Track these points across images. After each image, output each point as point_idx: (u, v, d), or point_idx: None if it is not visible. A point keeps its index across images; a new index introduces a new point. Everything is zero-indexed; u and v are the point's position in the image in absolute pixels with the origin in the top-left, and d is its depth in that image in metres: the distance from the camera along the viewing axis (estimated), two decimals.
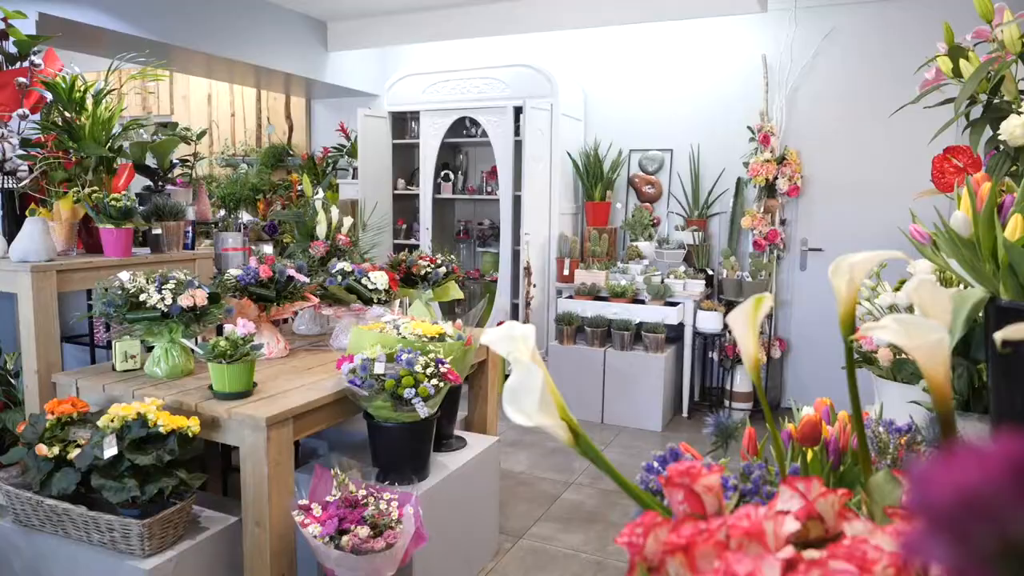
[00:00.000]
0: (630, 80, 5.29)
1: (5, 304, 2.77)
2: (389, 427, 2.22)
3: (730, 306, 4.64)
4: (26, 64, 2.85)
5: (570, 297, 4.82)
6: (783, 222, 4.83)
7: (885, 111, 4.53)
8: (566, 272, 4.91)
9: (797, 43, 4.73)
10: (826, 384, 4.76)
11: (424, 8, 5.14)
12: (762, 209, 4.73)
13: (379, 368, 2.12)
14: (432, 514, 2.26)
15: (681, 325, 4.61)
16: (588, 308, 4.68)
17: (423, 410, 2.11)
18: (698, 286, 4.62)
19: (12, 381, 2.60)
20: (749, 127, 4.78)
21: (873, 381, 2.27)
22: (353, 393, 2.16)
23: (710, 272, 4.86)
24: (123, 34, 3.93)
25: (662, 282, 4.62)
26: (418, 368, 2.14)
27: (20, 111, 2.65)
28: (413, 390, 2.10)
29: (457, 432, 2.80)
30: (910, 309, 1.89)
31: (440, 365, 2.20)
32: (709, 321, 4.54)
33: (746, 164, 4.74)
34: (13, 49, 2.91)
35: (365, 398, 2.15)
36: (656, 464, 0.88)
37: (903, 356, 1.55)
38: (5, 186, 2.56)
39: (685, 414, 4.73)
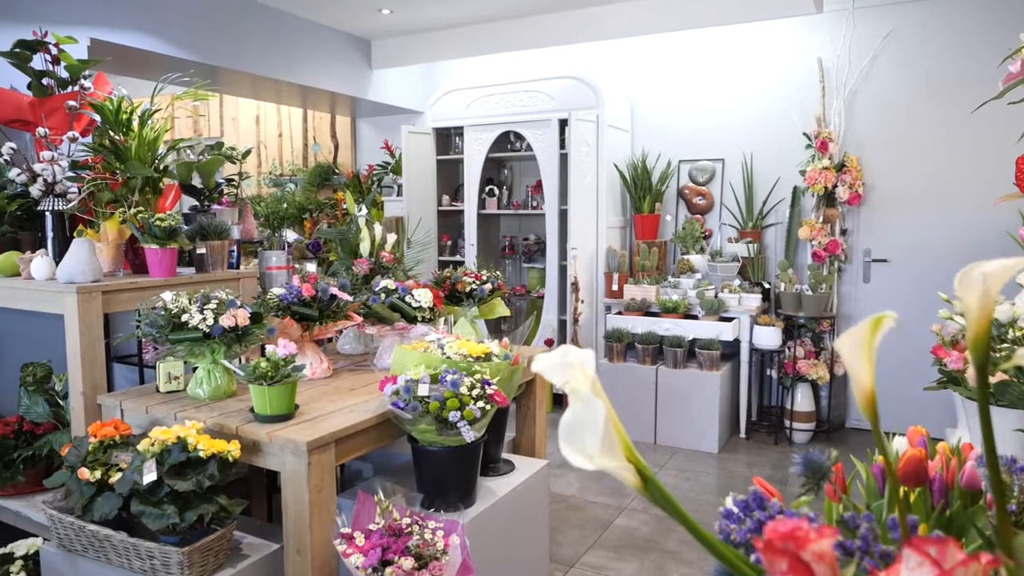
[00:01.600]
0: (678, 88, 5.15)
1: (58, 325, 2.79)
2: (434, 451, 2.12)
3: (788, 321, 4.43)
4: (76, 88, 2.89)
5: (619, 313, 4.68)
6: (844, 232, 4.61)
7: (950, 113, 4.30)
8: (615, 287, 4.77)
9: (855, 45, 4.53)
10: (893, 403, 4.50)
11: (467, 23, 5.12)
12: (821, 219, 4.51)
13: (423, 390, 2.03)
14: (479, 543, 2.15)
15: (737, 341, 4.42)
16: (638, 324, 4.53)
17: (469, 434, 2.00)
18: (754, 300, 4.43)
19: (61, 402, 2.60)
20: (805, 133, 4.58)
21: (958, 404, 2.07)
22: (396, 416, 2.07)
23: (766, 285, 4.65)
24: (172, 57, 3.99)
25: (716, 296, 4.44)
26: (463, 390, 2.04)
27: (70, 134, 2.67)
28: (458, 413, 2.00)
29: (504, 455, 2.68)
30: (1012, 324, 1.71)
31: (486, 386, 2.09)
32: (767, 337, 4.33)
33: (803, 172, 4.54)
34: (65, 74, 2.96)
35: (408, 421, 2.06)
36: (737, 510, 0.76)
37: (1008, 379, 1.38)
38: (55, 208, 2.58)
39: (743, 435, 4.52)
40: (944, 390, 1.82)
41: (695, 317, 4.45)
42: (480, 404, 2.04)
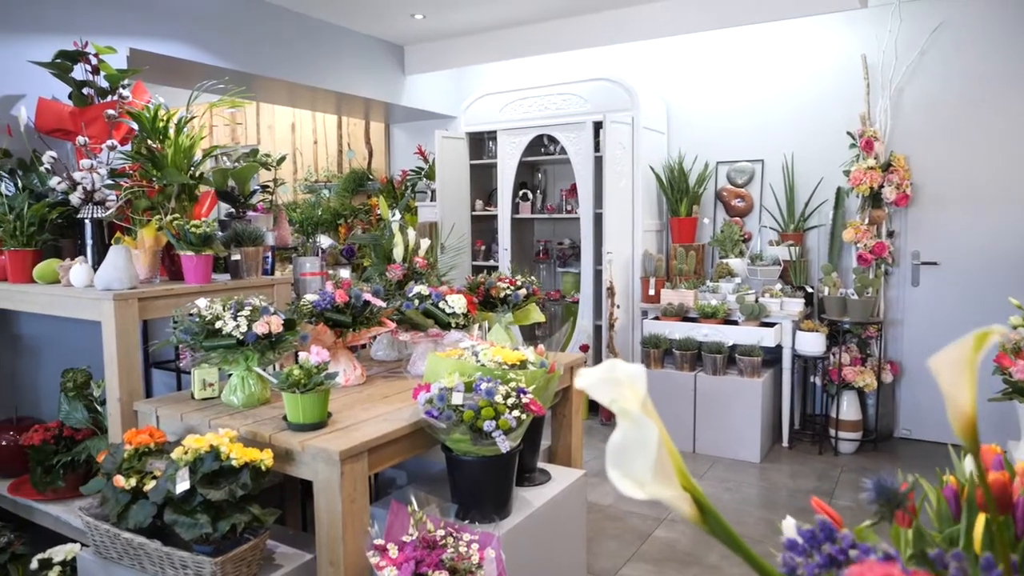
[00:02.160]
0: (715, 89, 5.04)
1: (98, 331, 2.82)
2: (468, 461, 2.07)
3: (833, 326, 4.28)
4: (115, 97, 2.92)
5: (656, 318, 4.58)
6: (891, 234, 4.45)
7: (1004, 109, 4.11)
8: (651, 292, 4.68)
9: (901, 40, 4.37)
10: (942, 411, 4.30)
11: (499, 26, 5.08)
12: (867, 220, 4.36)
13: (457, 399, 1.99)
14: (515, 555, 2.09)
15: (779, 347, 4.29)
16: (676, 330, 4.42)
17: (504, 444, 1.95)
18: (796, 305, 4.29)
19: (99, 408, 2.62)
20: (849, 132, 4.44)
21: (1023, 416, 1.95)
22: (430, 425, 2.03)
23: (809, 290, 4.51)
24: (209, 66, 4.03)
25: (756, 301, 4.32)
26: (498, 398, 1.99)
27: (109, 142, 2.70)
28: (493, 422, 1.94)
29: (540, 464, 2.62)
30: None
31: (522, 395, 2.04)
32: (810, 343, 4.19)
33: (847, 172, 4.39)
34: (104, 83, 2.99)
35: (442, 430, 2.01)
36: (802, 541, 0.69)
37: None
38: (94, 215, 2.60)
39: (786, 443, 4.38)
40: (1009, 401, 1.71)
41: (735, 322, 4.34)
42: (516, 413, 1.98)
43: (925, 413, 4.44)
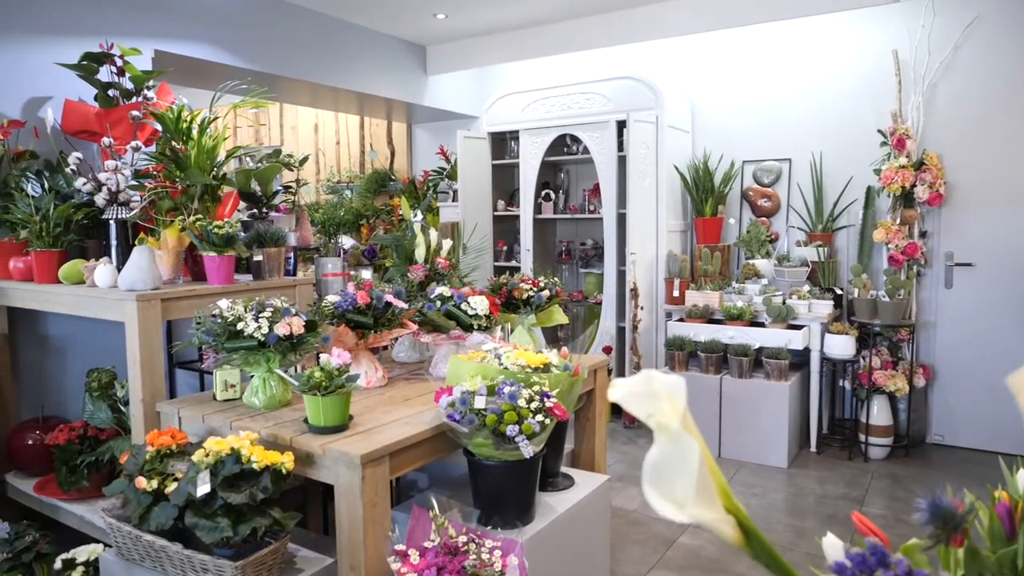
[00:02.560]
0: (741, 87, 4.96)
1: (123, 331, 2.84)
2: (491, 466, 2.04)
3: (863, 329, 4.18)
4: (140, 98, 2.93)
5: (680, 320, 4.51)
6: (923, 234, 4.33)
7: None
8: (676, 293, 4.61)
9: (935, 35, 4.26)
10: (977, 417, 4.21)
11: (522, 25, 5.05)
12: (898, 220, 4.26)
13: (479, 402, 1.95)
14: (538, 562, 2.05)
15: (807, 350, 4.20)
16: (701, 332, 4.35)
17: (527, 449, 1.91)
18: (825, 307, 4.20)
19: (123, 409, 2.63)
20: (880, 130, 4.34)
21: None
22: (452, 429, 1.99)
23: (838, 291, 4.41)
24: (233, 67, 4.05)
25: (784, 303, 4.23)
26: (521, 402, 1.95)
27: (133, 143, 2.71)
28: (516, 427, 1.91)
29: (563, 469, 2.58)
30: None
31: (545, 399, 2.00)
32: (839, 345, 4.10)
33: (878, 171, 4.29)
34: (130, 85, 3.01)
35: (465, 435, 1.98)
36: (851, 565, 0.64)
37: None
38: (119, 216, 2.61)
39: (814, 448, 4.29)
40: None
41: (761, 324, 4.25)
42: (539, 418, 1.94)
43: (959, 418, 4.33)
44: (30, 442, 2.84)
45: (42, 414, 2.99)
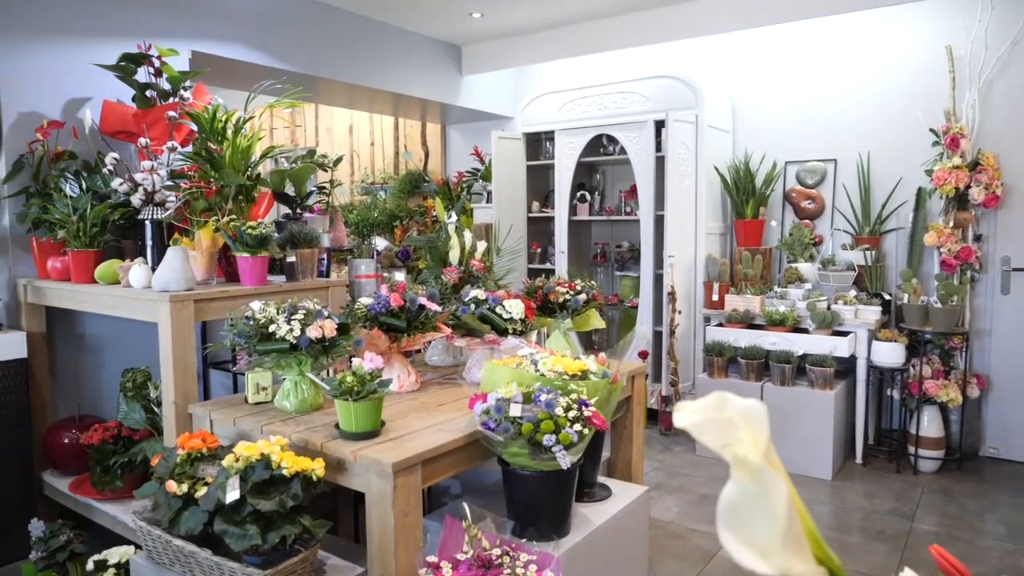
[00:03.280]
0: (784, 85, 4.81)
1: (158, 332, 2.84)
2: (526, 476, 1.97)
3: (913, 336, 4.01)
4: (176, 99, 2.93)
5: (720, 325, 4.39)
6: (978, 238, 4.14)
7: None
8: (715, 297, 4.48)
9: (992, 30, 4.07)
10: None
11: (558, 24, 4.97)
12: (951, 223, 4.07)
13: (515, 410, 1.88)
14: None
15: (853, 358, 4.04)
16: (741, 337, 4.22)
17: (565, 460, 1.83)
18: (872, 313, 4.04)
19: (156, 410, 2.62)
20: (932, 129, 4.16)
21: None
22: (486, 437, 1.93)
23: (886, 297, 4.24)
24: (269, 68, 4.05)
25: (829, 308, 4.08)
26: (559, 411, 1.87)
27: (169, 144, 2.70)
28: (553, 437, 1.83)
29: (600, 479, 2.50)
30: None
31: (584, 408, 1.92)
32: (888, 353, 3.93)
33: (929, 172, 4.11)
34: (167, 86, 3.01)
35: (499, 443, 1.91)
36: None
37: None
38: (154, 216, 2.61)
39: (859, 460, 4.12)
40: None
41: (805, 330, 4.11)
42: (577, 427, 1.87)
43: (1015, 431, 4.12)
44: (66, 441, 2.85)
45: (78, 413, 3.00)
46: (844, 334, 4.01)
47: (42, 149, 2.87)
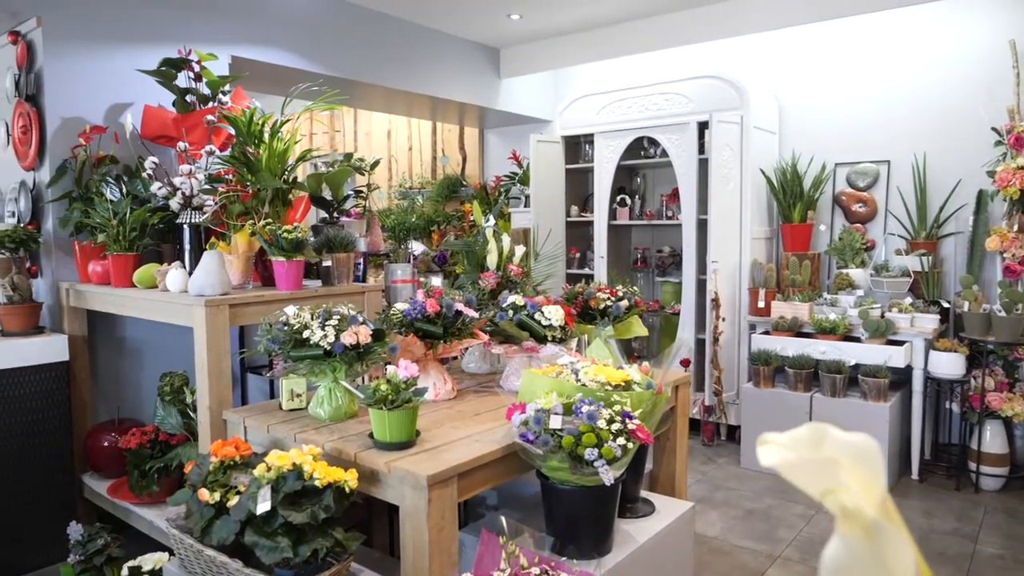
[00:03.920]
0: (834, 84, 4.63)
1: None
2: (566, 490, 1.88)
3: (974, 346, 3.80)
4: (215, 103, 2.92)
5: (766, 332, 4.23)
6: None
7: None
8: (761, 304, 4.33)
9: None
10: None
11: (598, 25, 4.88)
12: (1015, 227, 3.85)
13: (555, 422, 1.80)
14: None
15: (908, 368, 3.84)
16: (789, 346, 4.06)
17: (608, 476, 1.74)
18: (930, 321, 3.84)
19: (192, 415, 2.60)
20: (994, 128, 3.94)
21: None
22: (524, 450, 1.85)
23: (944, 304, 4.04)
24: (309, 72, 4.04)
25: (882, 316, 3.90)
26: (601, 423, 1.78)
27: (207, 147, 2.69)
28: (596, 451, 1.74)
29: (643, 493, 2.39)
30: None
31: (627, 420, 1.83)
32: (946, 364, 3.73)
33: (991, 173, 3.90)
34: (206, 90, 3.01)
35: (538, 456, 1.82)
36: None
37: None
38: (192, 221, 2.60)
39: (915, 476, 3.92)
40: None
41: (857, 339, 3.93)
42: (620, 441, 1.77)
43: None
44: (105, 444, 2.86)
45: (118, 416, 3.01)
46: (899, 343, 3.82)
47: (84, 154, 2.89)
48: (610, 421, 1.80)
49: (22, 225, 2.95)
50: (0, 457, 2.70)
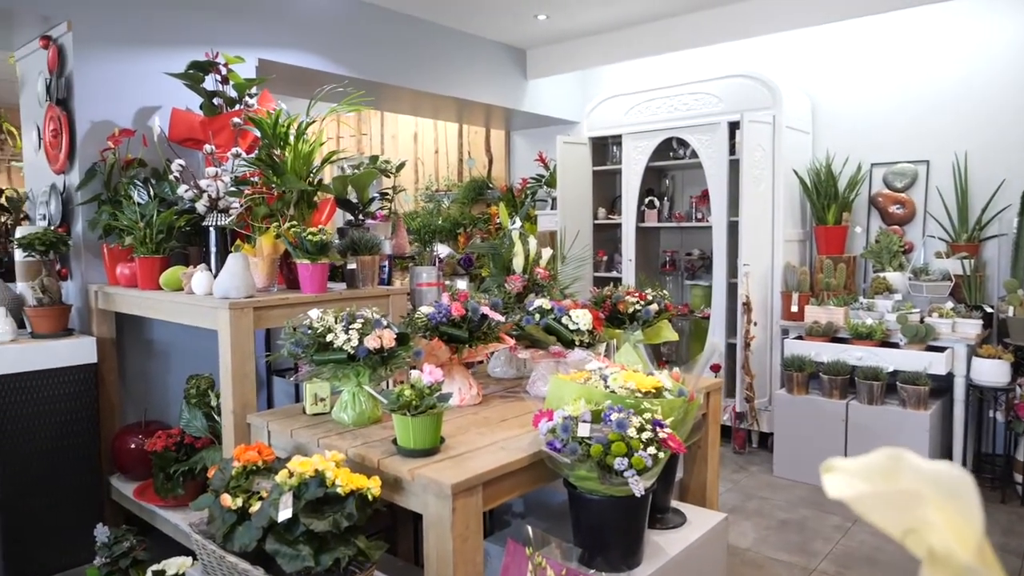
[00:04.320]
0: (869, 81, 4.50)
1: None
2: (595, 500, 1.82)
3: (1020, 353, 3.65)
4: (241, 106, 2.92)
5: (799, 337, 4.12)
6: None
7: None
8: (794, 308, 4.22)
9: None
10: None
11: (627, 24, 4.82)
12: None
13: (583, 430, 1.74)
14: None
15: (950, 375, 3.71)
16: (823, 351, 3.94)
17: (638, 487, 1.68)
18: (972, 327, 3.70)
19: (217, 418, 2.59)
20: None
21: None
22: (552, 458, 1.79)
23: (988, 309, 3.89)
24: (336, 75, 4.04)
25: (922, 321, 3.77)
26: (631, 432, 1.72)
27: (234, 150, 2.69)
28: (625, 460, 1.68)
29: (673, 503, 2.32)
30: None
31: (658, 428, 1.76)
32: (990, 371, 3.59)
33: None
34: (233, 93, 3.01)
35: (566, 465, 1.77)
36: None
37: None
38: (218, 223, 2.59)
39: None
40: None
41: (895, 345, 3.80)
42: (651, 450, 1.71)
43: None
44: (132, 446, 2.87)
45: (144, 418, 3.02)
46: (939, 349, 3.69)
47: (113, 157, 2.91)
48: (640, 429, 1.74)
49: (52, 228, 2.97)
50: (30, 458, 2.72)
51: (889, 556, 3.04)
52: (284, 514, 1.66)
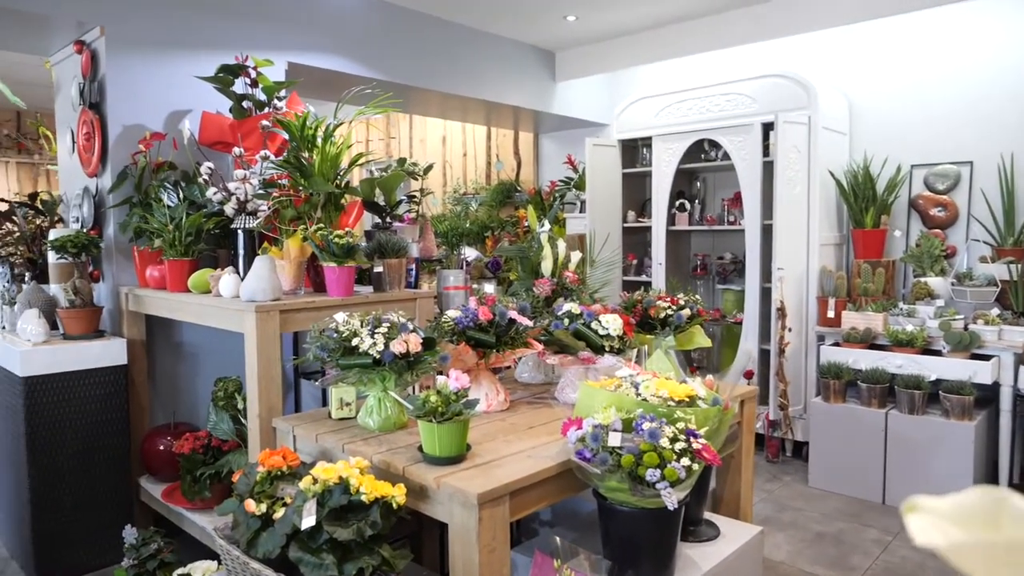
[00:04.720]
0: (908, 80, 4.37)
1: None
2: (625, 512, 1.76)
3: None
4: (270, 109, 2.92)
5: (836, 344, 4.00)
6: None
7: None
8: (831, 314, 4.10)
9: None
10: None
11: (657, 25, 4.74)
12: None
13: (614, 439, 1.68)
14: None
15: (996, 385, 3.56)
16: (861, 359, 3.82)
17: (671, 499, 1.62)
18: (1020, 334, 3.55)
19: (243, 421, 2.59)
20: None
21: None
22: (581, 468, 1.74)
23: None
24: (364, 78, 4.03)
25: (965, 328, 3.63)
26: (664, 442, 1.66)
27: (262, 152, 2.68)
28: (658, 472, 1.62)
29: (706, 515, 2.25)
30: None
31: (692, 439, 1.70)
32: None
33: None
34: (262, 96, 3.01)
35: (596, 476, 1.71)
36: None
37: None
38: (246, 226, 2.59)
39: None
40: None
41: (937, 352, 3.67)
42: (684, 461, 1.65)
43: None
44: (161, 448, 2.88)
45: (173, 420, 3.04)
46: (985, 357, 3.55)
47: (144, 160, 2.93)
48: (673, 440, 1.68)
49: (84, 230, 3.00)
50: (61, 458, 2.74)
51: (934, 574, 2.92)
52: (307, 521, 1.63)
